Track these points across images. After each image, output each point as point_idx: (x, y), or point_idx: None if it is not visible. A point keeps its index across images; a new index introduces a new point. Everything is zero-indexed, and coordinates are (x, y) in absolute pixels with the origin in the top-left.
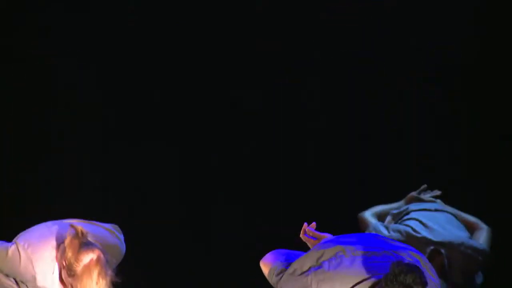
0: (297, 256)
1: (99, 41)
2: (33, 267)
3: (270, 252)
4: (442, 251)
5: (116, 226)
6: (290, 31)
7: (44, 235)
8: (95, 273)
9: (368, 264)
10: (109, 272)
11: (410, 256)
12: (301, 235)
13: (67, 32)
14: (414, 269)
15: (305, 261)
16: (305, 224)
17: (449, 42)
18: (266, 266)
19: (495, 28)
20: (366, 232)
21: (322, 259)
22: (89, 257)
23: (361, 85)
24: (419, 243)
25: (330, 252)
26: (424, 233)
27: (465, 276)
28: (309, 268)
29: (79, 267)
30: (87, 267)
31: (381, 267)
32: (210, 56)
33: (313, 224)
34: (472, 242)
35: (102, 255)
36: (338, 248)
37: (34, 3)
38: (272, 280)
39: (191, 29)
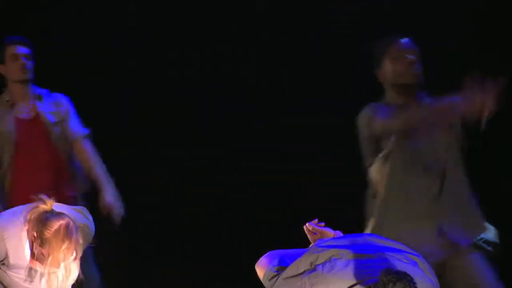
0: (291, 258)
1: (99, 41)
2: (5, 243)
3: (264, 255)
4: None
5: (84, 208)
6: (290, 31)
7: (13, 215)
8: (64, 237)
9: (363, 267)
10: (78, 238)
11: (407, 258)
12: (304, 227)
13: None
14: (403, 277)
15: (299, 265)
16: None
17: (449, 42)
18: (260, 270)
19: (495, 28)
20: None
21: (316, 262)
22: (58, 223)
23: (361, 85)
24: None
25: (324, 256)
26: None
27: None
28: (304, 272)
29: (49, 233)
30: (57, 232)
31: (376, 270)
32: (209, 56)
33: (315, 220)
34: (483, 236)
35: (71, 222)
36: (333, 251)
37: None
38: (266, 284)
39: (192, 30)
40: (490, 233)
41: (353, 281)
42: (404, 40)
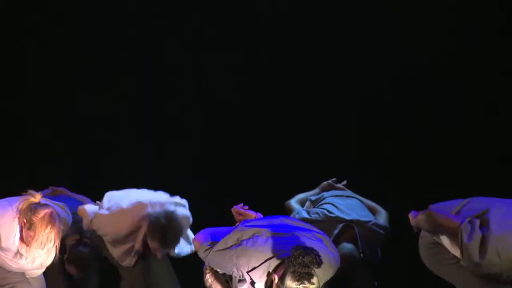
0: (221, 234)
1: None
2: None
3: (200, 232)
4: (354, 227)
5: (65, 204)
6: (290, 31)
7: (6, 206)
8: (48, 222)
9: (278, 243)
10: (60, 224)
11: (314, 236)
12: (232, 209)
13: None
14: (310, 251)
15: (228, 240)
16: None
17: (447, 43)
18: (197, 244)
19: (494, 28)
20: (291, 215)
21: (242, 238)
22: (44, 211)
23: (360, 85)
24: (334, 221)
25: (248, 233)
26: (337, 213)
27: (371, 247)
28: (231, 246)
29: (36, 219)
30: (43, 218)
31: (289, 245)
32: (208, 58)
33: (241, 204)
34: (376, 220)
35: (55, 211)
36: (255, 230)
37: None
38: (201, 255)
39: (194, 30)
40: (381, 217)
41: (271, 255)
42: None
